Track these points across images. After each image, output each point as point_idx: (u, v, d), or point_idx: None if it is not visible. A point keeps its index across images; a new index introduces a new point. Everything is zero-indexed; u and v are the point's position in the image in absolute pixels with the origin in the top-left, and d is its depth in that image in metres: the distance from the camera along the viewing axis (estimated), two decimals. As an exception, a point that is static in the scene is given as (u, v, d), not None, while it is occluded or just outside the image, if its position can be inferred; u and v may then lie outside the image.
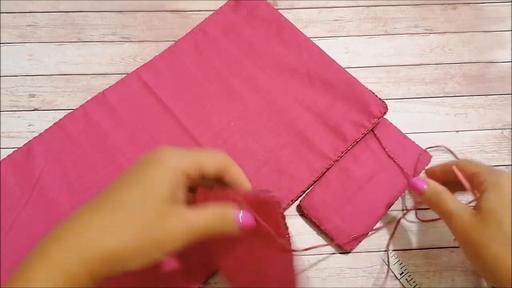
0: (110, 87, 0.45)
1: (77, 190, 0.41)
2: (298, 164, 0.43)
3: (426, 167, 0.43)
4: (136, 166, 0.27)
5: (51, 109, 0.46)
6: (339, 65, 0.46)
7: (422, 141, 0.45)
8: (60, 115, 0.45)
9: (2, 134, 0.44)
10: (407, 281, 0.40)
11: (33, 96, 0.46)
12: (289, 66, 0.46)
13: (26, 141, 0.43)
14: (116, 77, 0.47)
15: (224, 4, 0.50)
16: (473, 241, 0.31)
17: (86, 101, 0.45)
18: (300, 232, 0.42)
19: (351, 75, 0.45)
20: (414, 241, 0.42)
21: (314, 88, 0.45)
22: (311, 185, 0.42)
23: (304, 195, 0.42)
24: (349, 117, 0.44)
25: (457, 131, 0.47)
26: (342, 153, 0.43)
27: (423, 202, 0.36)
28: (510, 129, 0.47)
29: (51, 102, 0.46)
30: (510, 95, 0.48)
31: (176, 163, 0.27)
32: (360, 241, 0.41)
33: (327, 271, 0.41)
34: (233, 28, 0.48)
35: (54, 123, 0.44)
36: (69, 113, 0.44)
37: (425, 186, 0.36)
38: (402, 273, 0.41)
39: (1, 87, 0.47)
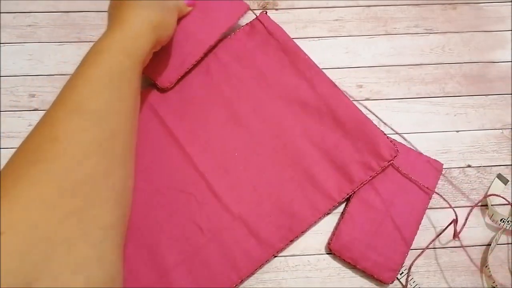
0: None
1: None
2: (301, 202, 0.41)
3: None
4: None
5: (51, 109, 0.46)
6: (351, 101, 0.44)
7: (422, 141, 0.45)
8: (60, 115, 0.45)
9: (2, 134, 0.44)
10: (407, 281, 0.40)
11: (33, 96, 0.46)
12: (300, 98, 0.44)
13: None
14: (116, 77, 0.47)
15: (239, 29, 0.47)
16: None
17: None
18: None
19: (363, 114, 0.43)
20: (414, 241, 0.42)
21: (323, 123, 0.43)
22: (311, 225, 0.41)
23: (331, 236, 0.41)
24: (358, 157, 0.42)
25: (457, 131, 0.47)
26: (347, 194, 0.41)
27: None
28: (510, 129, 0.47)
29: (51, 102, 0.46)
30: (510, 95, 0.48)
31: None
32: (398, 270, 0.40)
33: (327, 271, 0.41)
34: (246, 54, 0.46)
35: None
36: None
37: None
38: (402, 273, 0.41)
39: (1, 87, 0.47)
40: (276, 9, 0.51)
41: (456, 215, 0.41)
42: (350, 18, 0.52)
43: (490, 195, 0.43)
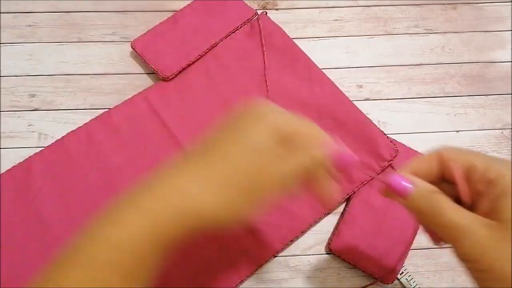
0: (116, 107, 0.44)
1: (71, 212, 0.40)
2: (301, 202, 0.41)
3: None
4: (235, 122, 0.28)
5: (51, 109, 0.46)
6: (351, 102, 0.44)
7: (422, 141, 0.45)
8: (60, 115, 0.45)
9: (2, 134, 0.44)
10: (407, 281, 0.40)
11: (33, 96, 0.46)
12: (300, 99, 0.44)
13: (26, 141, 0.44)
14: (116, 77, 0.47)
15: (239, 29, 0.48)
16: (494, 265, 0.22)
17: (91, 120, 0.44)
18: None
19: (363, 114, 0.43)
20: (414, 241, 0.42)
21: (323, 124, 0.42)
22: (311, 225, 0.41)
23: (331, 236, 0.41)
24: (358, 157, 0.42)
25: (457, 131, 0.47)
26: (347, 194, 0.41)
27: (408, 209, 0.26)
28: (510, 129, 0.47)
29: (51, 102, 0.46)
30: (510, 95, 0.48)
31: (275, 119, 0.26)
32: (398, 270, 0.40)
33: (327, 271, 0.41)
34: (246, 55, 0.46)
35: (56, 140, 0.43)
36: (72, 131, 0.43)
37: (411, 187, 0.25)
38: (402, 273, 0.40)
39: (1, 87, 0.47)
40: (276, 9, 0.51)
41: None
42: (350, 18, 0.52)
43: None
